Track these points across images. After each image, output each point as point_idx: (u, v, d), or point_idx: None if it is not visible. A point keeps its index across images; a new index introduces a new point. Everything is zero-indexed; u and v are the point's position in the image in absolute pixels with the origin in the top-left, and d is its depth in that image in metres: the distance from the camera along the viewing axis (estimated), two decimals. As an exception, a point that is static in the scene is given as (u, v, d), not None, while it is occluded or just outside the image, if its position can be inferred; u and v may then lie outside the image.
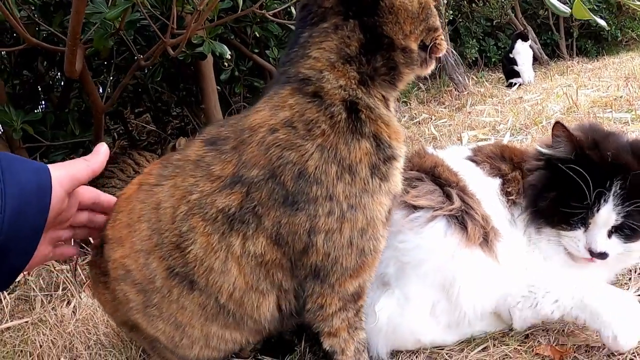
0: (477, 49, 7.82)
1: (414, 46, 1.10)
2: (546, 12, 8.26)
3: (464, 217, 1.31)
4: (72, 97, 3.59)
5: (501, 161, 1.51)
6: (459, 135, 3.67)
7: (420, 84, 6.36)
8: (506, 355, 1.32)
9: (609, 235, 1.33)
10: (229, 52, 2.87)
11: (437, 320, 1.35)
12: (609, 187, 1.29)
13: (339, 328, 1.19)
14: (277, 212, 1.05)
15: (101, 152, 1.22)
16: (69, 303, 2.02)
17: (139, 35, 3.00)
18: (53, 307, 2.01)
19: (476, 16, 7.82)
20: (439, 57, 1.20)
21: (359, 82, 1.08)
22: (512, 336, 1.38)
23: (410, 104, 5.49)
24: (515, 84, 6.15)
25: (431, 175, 1.41)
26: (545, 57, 7.95)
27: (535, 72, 7.01)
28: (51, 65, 3.66)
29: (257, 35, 3.49)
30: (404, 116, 4.92)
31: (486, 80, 6.73)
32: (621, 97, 3.95)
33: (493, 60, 8.01)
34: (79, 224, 1.28)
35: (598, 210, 1.30)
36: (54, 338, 1.77)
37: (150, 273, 1.15)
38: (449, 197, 1.35)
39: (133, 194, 1.23)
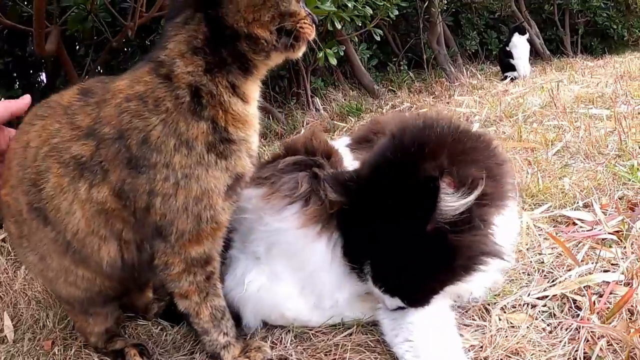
0: (477, 41, 7.67)
1: (263, 33, 1.18)
2: (551, 7, 8.10)
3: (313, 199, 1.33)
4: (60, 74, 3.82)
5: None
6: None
7: (411, 74, 6.23)
8: (365, 343, 1.34)
9: None
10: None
11: (305, 300, 1.39)
12: None
13: (188, 290, 1.27)
14: (122, 172, 1.17)
15: (24, 98, 1.43)
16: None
17: (122, 17, 3.01)
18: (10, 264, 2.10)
19: (478, 8, 7.66)
20: (311, 41, 1.27)
21: (205, 70, 1.18)
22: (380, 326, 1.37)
23: (398, 92, 5.37)
24: (511, 77, 6.01)
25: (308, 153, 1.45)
26: (548, 52, 7.79)
27: (533, 66, 6.88)
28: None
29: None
30: (387, 104, 4.82)
31: (479, 73, 6.58)
32: (605, 94, 3.83)
33: (494, 53, 7.84)
34: None
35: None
36: (2, 294, 1.87)
37: (19, 206, 1.28)
38: (312, 178, 1.35)
39: (16, 134, 1.36)
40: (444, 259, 1.17)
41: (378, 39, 4.88)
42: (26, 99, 1.43)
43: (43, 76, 4.10)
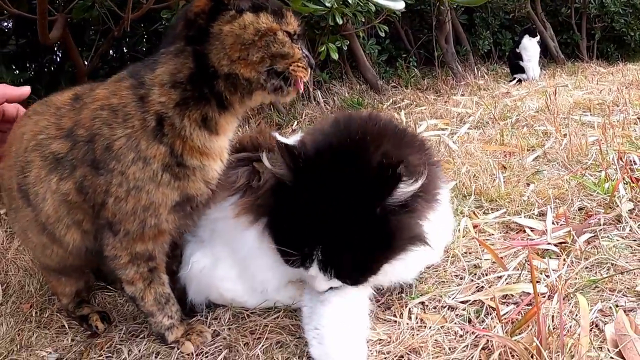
0: (490, 41, 7.60)
1: (247, 73, 1.23)
2: (568, 11, 8.01)
3: (248, 192, 1.41)
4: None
5: None
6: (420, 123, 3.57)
7: (417, 71, 6.21)
8: (288, 326, 1.45)
9: None
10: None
11: (242, 283, 1.50)
12: None
13: (133, 278, 1.38)
14: (85, 170, 1.30)
15: (23, 88, 1.63)
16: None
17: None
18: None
19: (493, 7, 7.59)
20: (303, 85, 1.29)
21: (177, 104, 1.26)
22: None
23: (403, 89, 5.35)
24: (519, 79, 5.97)
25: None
26: (562, 56, 7.70)
27: (544, 69, 6.81)
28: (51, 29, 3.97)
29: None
30: (388, 100, 4.81)
31: (489, 73, 6.53)
32: (606, 101, 3.80)
33: (507, 53, 7.77)
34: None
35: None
36: (-5, 262, 2.08)
37: (11, 184, 1.45)
38: (251, 173, 1.45)
39: (18, 121, 1.55)
40: (386, 239, 1.24)
41: (383, 34, 4.87)
42: (26, 89, 1.63)
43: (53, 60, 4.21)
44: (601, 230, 1.69)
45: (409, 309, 1.43)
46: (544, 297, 1.37)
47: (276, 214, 1.32)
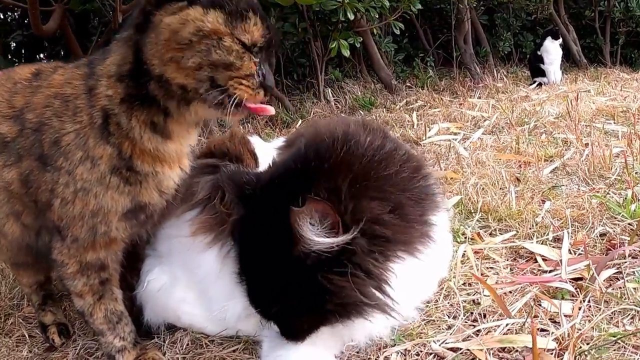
0: (511, 42, 7.39)
1: (180, 78, 1.06)
2: (592, 14, 7.75)
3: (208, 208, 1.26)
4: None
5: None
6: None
7: (431, 72, 6.01)
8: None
9: None
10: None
11: (201, 307, 1.36)
12: None
13: (82, 291, 1.26)
14: (32, 163, 1.19)
15: None
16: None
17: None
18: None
19: (515, 8, 7.37)
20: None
21: (122, 100, 1.13)
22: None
23: (419, 89, 5.17)
24: (539, 82, 5.75)
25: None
26: (585, 60, 7.46)
27: (566, 73, 6.59)
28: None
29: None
30: (402, 101, 4.63)
31: (509, 75, 6.32)
32: (631, 109, 3.59)
33: (528, 55, 7.56)
34: None
35: None
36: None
37: None
38: (213, 185, 1.27)
39: None
40: (314, 296, 1.05)
41: (398, 32, 4.70)
42: None
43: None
44: (626, 265, 1.44)
45: (388, 357, 1.22)
46: (552, 353, 1.14)
47: (233, 234, 1.19)
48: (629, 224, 1.68)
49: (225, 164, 1.26)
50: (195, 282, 1.33)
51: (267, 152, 1.45)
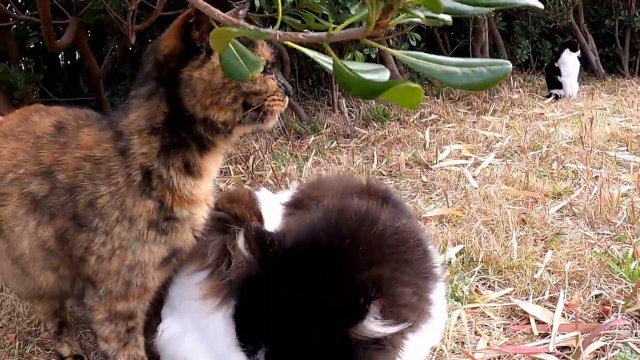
0: (529, 50, 7.33)
1: (222, 116, 1.16)
2: (612, 23, 7.67)
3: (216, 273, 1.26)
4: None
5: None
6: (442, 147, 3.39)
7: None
8: None
9: None
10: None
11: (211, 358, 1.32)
12: None
13: (109, 337, 1.30)
14: (66, 222, 1.22)
15: None
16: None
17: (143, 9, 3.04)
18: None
19: (534, 15, 7.31)
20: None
21: (160, 151, 1.18)
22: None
23: (433, 99, 5.16)
24: (556, 95, 5.72)
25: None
26: (603, 71, 7.41)
27: (584, 84, 6.54)
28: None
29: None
30: (416, 113, 4.62)
31: (525, 85, 6.28)
32: (645, 134, 3.58)
33: (546, 64, 7.50)
34: None
35: None
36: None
37: None
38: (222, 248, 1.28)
39: None
40: None
41: (415, 43, 4.69)
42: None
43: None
44: (614, 340, 1.45)
45: None
46: None
47: (239, 297, 1.20)
48: (626, 285, 1.69)
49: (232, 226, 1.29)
50: (204, 336, 1.32)
51: (273, 206, 1.47)
